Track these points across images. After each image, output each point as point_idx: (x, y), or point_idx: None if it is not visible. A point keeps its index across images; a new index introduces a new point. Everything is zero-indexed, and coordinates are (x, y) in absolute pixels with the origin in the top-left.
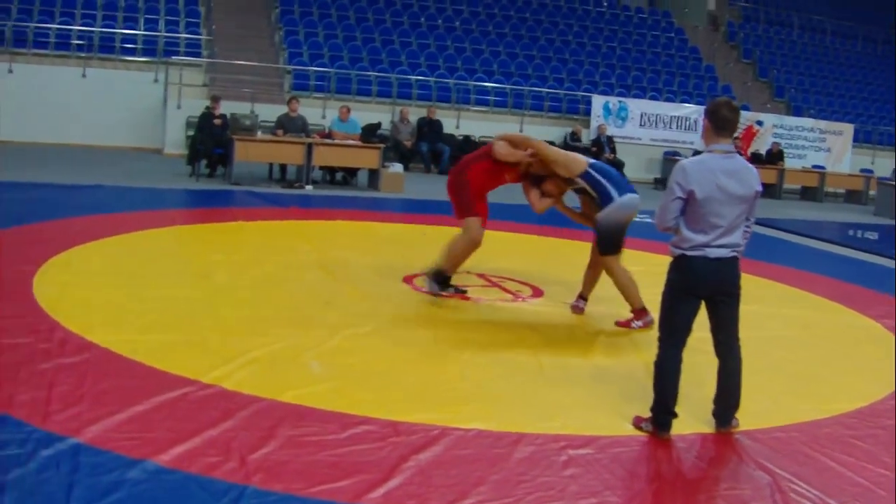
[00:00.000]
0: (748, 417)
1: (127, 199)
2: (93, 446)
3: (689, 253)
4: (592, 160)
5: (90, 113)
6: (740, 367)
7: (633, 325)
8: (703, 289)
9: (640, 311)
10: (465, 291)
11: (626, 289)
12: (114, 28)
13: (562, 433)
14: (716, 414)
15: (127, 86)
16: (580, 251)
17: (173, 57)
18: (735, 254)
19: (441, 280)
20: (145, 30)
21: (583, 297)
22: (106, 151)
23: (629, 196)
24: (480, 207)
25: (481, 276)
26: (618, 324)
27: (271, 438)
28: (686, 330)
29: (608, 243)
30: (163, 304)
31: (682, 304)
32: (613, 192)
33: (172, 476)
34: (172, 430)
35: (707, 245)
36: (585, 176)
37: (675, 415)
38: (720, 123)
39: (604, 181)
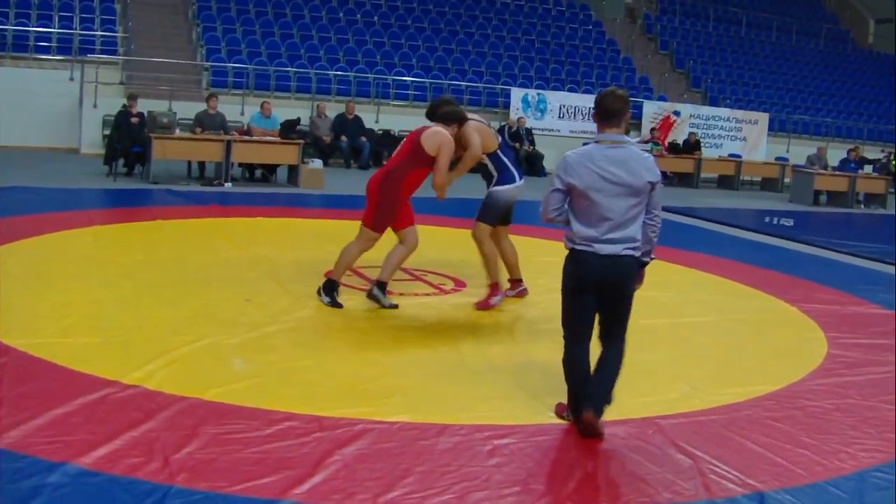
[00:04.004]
0: (668, 403)
1: (43, 201)
2: (12, 451)
3: (578, 247)
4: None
5: (4, 113)
6: (620, 363)
7: (492, 301)
8: (593, 285)
9: (495, 286)
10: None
11: (489, 261)
12: (27, 26)
13: (485, 423)
14: (586, 398)
15: (41, 85)
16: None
17: (89, 55)
18: (630, 252)
19: (382, 292)
20: (60, 27)
21: (517, 280)
22: (21, 152)
23: (523, 179)
24: (402, 215)
25: (404, 270)
26: (478, 306)
27: (194, 437)
28: (585, 325)
29: (492, 214)
30: (82, 305)
31: (577, 300)
32: (515, 173)
33: (94, 479)
34: (93, 433)
35: (597, 240)
36: (493, 155)
37: None
38: (607, 113)
39: (508, 162)
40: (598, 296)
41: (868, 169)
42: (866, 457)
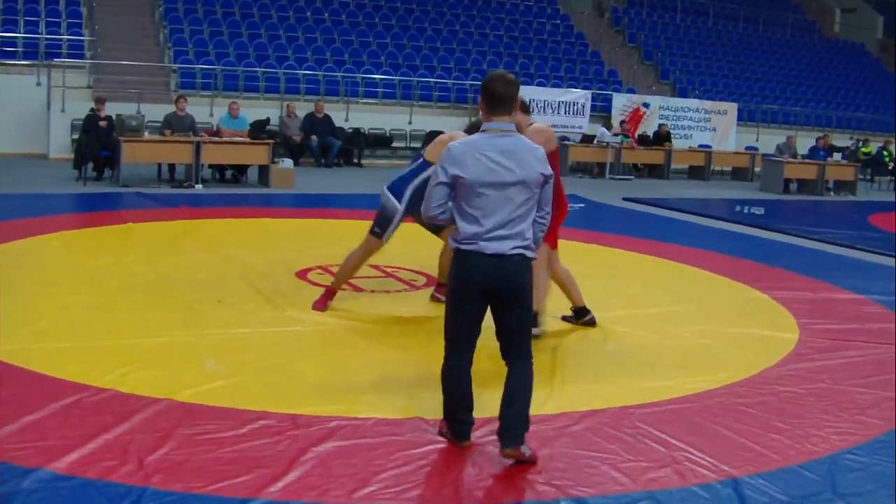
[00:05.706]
0: (642, 392)
1: (12, 207)
2: None
3: (463, 247)
4: None
5: None
6: (531, 381)
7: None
8: (480, 289)
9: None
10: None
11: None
12: None
13: None
14: (501, 431)
15: (8, 90)
16: None
17: (55, 59)
18: (520, 250)
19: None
20: (25, 32)
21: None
22: None
23: None
24: None
25: (375, 267)
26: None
27: (169, 439)
28: (469, 335)
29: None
30: (54, 311)
31: (461, 305)
32: None
33: (69, 483)
34: (67, 437)
35: (482, 237)
36: None
37: (468, 423)
38: (495, 99)
39: None
40: (489, 301)
41: (837, 156)
42: (838, 440)
